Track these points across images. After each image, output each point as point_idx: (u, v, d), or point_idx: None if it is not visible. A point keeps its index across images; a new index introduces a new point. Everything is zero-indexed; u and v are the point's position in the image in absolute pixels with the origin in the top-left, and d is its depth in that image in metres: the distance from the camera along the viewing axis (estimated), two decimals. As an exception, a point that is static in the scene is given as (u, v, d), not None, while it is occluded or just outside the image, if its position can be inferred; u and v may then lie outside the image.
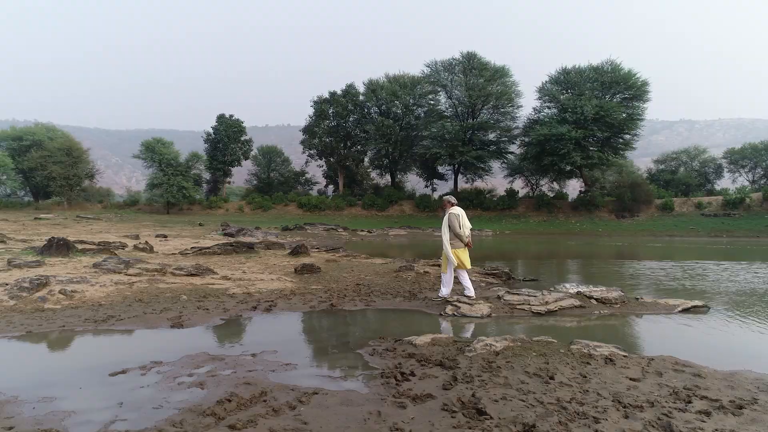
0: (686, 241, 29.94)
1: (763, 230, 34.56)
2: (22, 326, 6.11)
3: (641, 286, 10.92)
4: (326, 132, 53.43)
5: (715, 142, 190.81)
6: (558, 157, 40.99)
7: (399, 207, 50.67)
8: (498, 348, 4.89)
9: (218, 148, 54.62)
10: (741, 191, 42.29)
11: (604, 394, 3.93)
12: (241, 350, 5.34)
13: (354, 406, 3.77)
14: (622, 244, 26.93)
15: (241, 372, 4.54)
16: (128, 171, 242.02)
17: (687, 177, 51.56)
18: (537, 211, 46.01)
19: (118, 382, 4.30)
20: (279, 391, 4.06)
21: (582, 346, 4.93)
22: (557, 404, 3.69)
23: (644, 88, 41.68)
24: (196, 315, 6.88)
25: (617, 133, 42.01)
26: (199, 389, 4.12)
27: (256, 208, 52.05)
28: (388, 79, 51.82)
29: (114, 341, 5.77)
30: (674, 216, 40.26)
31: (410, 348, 5.19)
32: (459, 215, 8.20)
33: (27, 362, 4.99)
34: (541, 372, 4.39)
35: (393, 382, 4.24)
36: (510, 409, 3.60)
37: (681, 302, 7.80)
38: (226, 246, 13.24)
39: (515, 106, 47.36)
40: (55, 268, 8.99)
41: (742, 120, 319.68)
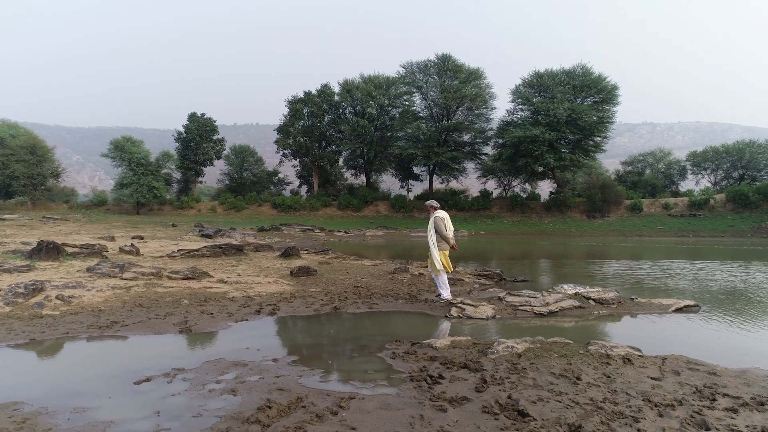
0: (655, 241, 30.91)
1: (727, 230, 35.99)
2: (24, 333, 5.92)
3: (626, 286, 11.22)
4: (301, 132, 53.07)
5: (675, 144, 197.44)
6: (532, 158, 41.74)
7: (374, 207, 50.73)
8: (519, 350, 5.00)
9: (190, 148, 53.63)
10: (706, 192, 43.89)
11: (633, 393, 4.07)
12: (260, 355, 5.30)
13: (394, 410, 3.80)
14: (595, 244, 27.62)
15: (269, 378, 4.52)
16: (90, 170, 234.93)
17: (653, 178, 53.16)
18: (511, 211, 46.74)
19: (146, 390, 4.23)
20: (314, 396, 4.07)
21: (599, 347, 5.08)
22: (593, 404, 3.80)
23: (614, 92, 42.83)
24: (202, 320, 6.79)
25: (588, 136, 43.04)
26: (232, 396, 4.09)
27: (229, 208, 51.33)
28: (363, 80, 51.82)
29: (125, 348, 5.65)
30: (643, 216, 41.51)
31: (431, 351, 5.25)
32: (444, 218, 8.36)
33: (43, 371, 4.85)
34: (567, 373, 4.51)
35: (425, 385, 4.30)
36: (550, 410, 3.69)
37: (674, 302, 8.09)
38: (215, 248, 13.03)
39: (489, 107, 48.11)
40: (46, 272, 8.70)
41: (701, 123, 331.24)
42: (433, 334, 6.47)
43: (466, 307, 7.45)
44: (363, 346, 5.74)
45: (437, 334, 6.45)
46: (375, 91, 49.60)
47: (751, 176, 50.48)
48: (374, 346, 5.71)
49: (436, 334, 6.46)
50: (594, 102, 43.44)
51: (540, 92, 44.50)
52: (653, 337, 6.48)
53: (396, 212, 49.05)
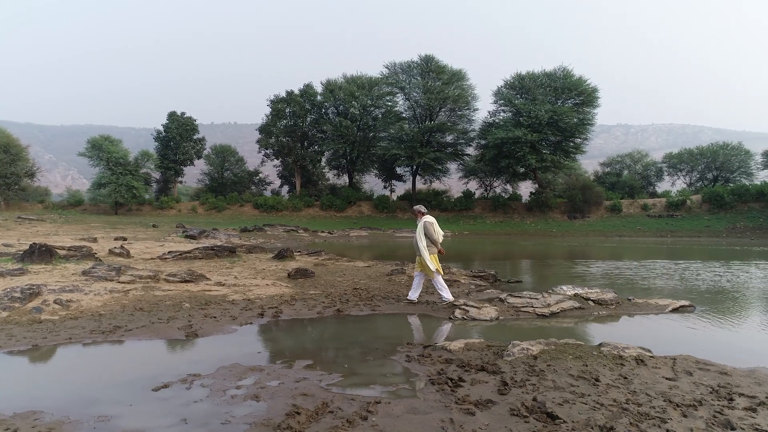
0: (636, 241, 31.51)
1: (703, 230, 36.90)
2: (26, 339, 5.77)
3: (616, 286, 11.38)
4: (283, 132, 52.70)
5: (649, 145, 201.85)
6: (514, 159, 42.20)
7: (357, 208, 50.67)
8: (534, 351, 5.05)
9: (170, 147, 52.83)
10: (683, 193, 44.95)
11: (652, 394, 4.15)
12: (273, 360, 5.27)
13: (422, 414, 3.81)
14: (577, 245, 28.05)
15: (288, 383, 4.48)
16: (63, 169, 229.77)
17: (631, 179, 54.19)
18: (493, 212, 47.16)
19: (166, 397, 4.16)
20: (339, 401, 4.05)
21: (611, 348, 5.17)
22: (618, 406, 3.87)
23: (594, 95, 43.55)
24: (206, 324, 6.70)
25: (569, 137, 43.66)
26: (256, 402, 4.05)
27: (210, 208, 50.72)
28: (346, 80, 51.69)
29: (134, 353, 5.55)
30: (622, 217, 42.29)
31: (446, 354, 5.27)
32: (433, 223, 8.45)
33: (54, 378, 4.74)
34: (585, 374, 4.58)
35: (447, 389, 4.31)
36: (577, 412, 3.75)
37: (669, 302, 8.26)
38: (207, 250, 12.86)
39: (472, 109, 48.45)
40: (40, 276, 8.48)
41: (674, 125, 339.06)
42: (441, 336, 6.51)
43: (470, 309, 7.50)
44: (375, 349, 5.73)
45: (446, 336, 6.48)
46: (358, 92, 49.53)
47: (725, 177, 51.82)
48: (386, 349, 5.71)
49: (444, 336, 6.48)
50: (574, 104, 44.08)
51: (522, 94, 44.99)
52: (657, 338, 6.58)
53: (379, 212, 49.08)
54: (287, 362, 5.17)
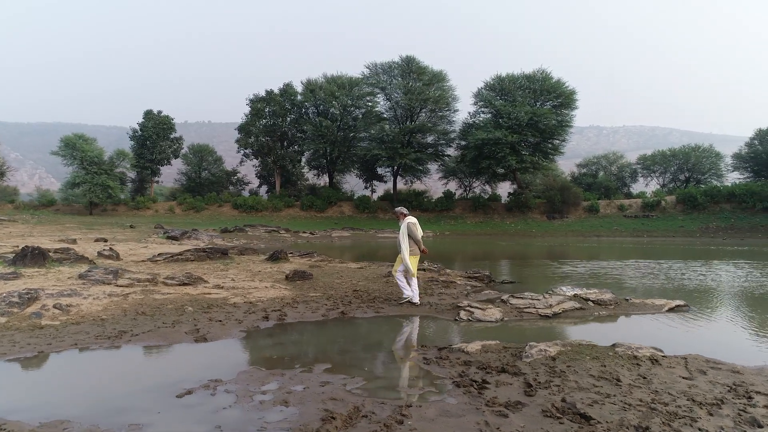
0: (614, 241, 32.17)
1: (678, 230, 37.87)
2: (30, 346, 5.61)
3: (605, 286, 11.57)
4: (263, 131, 52.21)
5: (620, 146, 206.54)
6: (495, 160, 42.64)
7: (338, 208, 50.52)
8: (552, 353, 5.13)
9: (146, 146, 51.84)
10: (657, 194, 46.07)
11: (674, 393, 4.25)
12: (291, 364, 5.23)
13: (455, 417, 3.84)
14: (559, 245, 28.51)
15: (314, 387, 4.45)
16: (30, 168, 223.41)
17: (606, 180, 55.32)
18: (473, 212, 47.55)
19: (193, 404, 4.09)
20: (370, 405, 4.05)
21: (625, 348, 5.28)
22: (646, 405, 3.96)
23: (572, 97, 44.32)
24: (213, 328, 6.61)
25: (548, 138, 44.31)
26: (286, 407, 4.02)
27: (188, 209, 49.96)
28: (327, 80, 51.52)
29: (147, 359, 5.45)
30: (600, 217, 43.11)
31: (464, 356, 5.31)
32: (416, 224, 8.55)
33: (71, 385, 4.61)
34: (605, 375, 4.67)
35: (474, 391, 4.35)
36: (609, 413, 3.82)
37: (665, 302, 8.46)
38: (199, 252, 12.65)
39: (452, 110, 48.79)
40: (35, 279, 8.23)
41: (644, 127, 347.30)
42: (451, 338, 6.54)
43: (474, 311, 7.56)
44: (390, 352, 5.74)
45: (455, 338, 6.51)
46: (338, 92, 49.41)
47: (696, 179, 53.30)
48: (401, 352, 5.73)
49: (454, 338, 6.52)
50: (553, 106, 44.75)
51: (501, 96, 45.48)
52: (663, 338, 6.72)
53: (360, 213, 49.03)
54: (306, 366, 5.13)
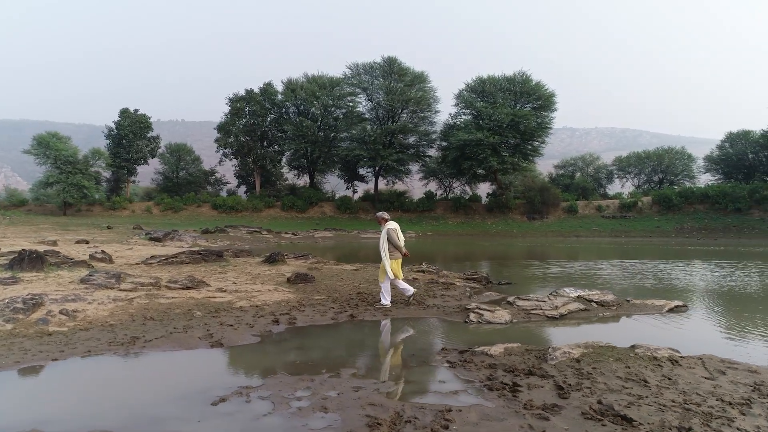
0: (593, 241, 32.80)
1: (654, 230, 38.81)
2: (42, 353, 5.45)
3: (597, 286, 11.77)
4: (242, 131, 51.63)
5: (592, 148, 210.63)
6: (476, 161, 43.01)
7: (320, 208, 50.28)
8: (576, 355, 5.21)
9: (122, 145, 50.72)
10: (634, 195, 47.12)
11: (702, 393, 4.37)
12: (316, 369, 5.20)
13: (497, 420, 3.87)
14: (541, 245, 28.94)
15: (347, 393, 4.44)
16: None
17: (583, 181, 56.33)
18: (454, 212, 47.88)
19: (231, 411, 4.04)
20: (410, 410, 4.05)
21: (644, 350, 5.39)
22: (679, 406, 4.05)
23: (551, 99, 45.00)
24: (226, 332, 6.52)
25: (528, 140, 44.89)
26: (325, 413, 4.00)
27: (166, 209, 49.06)
28: (308, 80, 51.26)
29: (167, 365, 5.35)
30: (579, 217, 43.88)
31: (488, 359, 5.35)
32: (396, 229, 8.62)
33: (98, 394, 4.49)
34: (631, 376, 4.77)
35: (508, 394, 4.39)
36: (647, 414, 3.90)
37: (665, 302, 8.67)
38: (194, 254, 12.44)
39: (433, 111, 49.02)
40: (35, 284, 7.98)
41: (615, 129, 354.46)
42: (466, 340, 6.57)
43: (484, 313, 7.63)
44: (411, 355, 5.75)
45: (470, 340, 6.54)
46: (319, 91, 49.19)
47: (669, 180, 54.71)
48: (422, 355, 5.73)
49: (468, 340, 6.55)
50: (533, 108, 45.36)
51: (482, 97, 45.89)
52: (673, 338, 6.88)
53: (342, 213, 48.88)
54: (332, 371, 5.11)
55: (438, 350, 5.88)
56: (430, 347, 6.08)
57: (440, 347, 5.99)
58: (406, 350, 6.02)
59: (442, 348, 5.93)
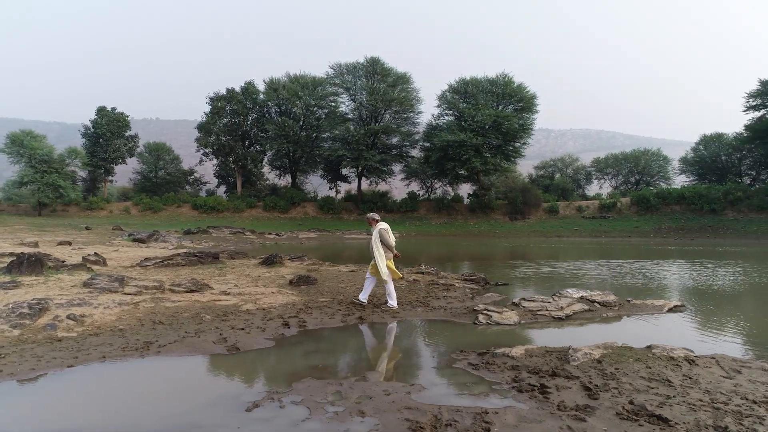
0: (575, 241, 33.33)
1: (633, 231, 39.61)
2: (56, 360, 5.32)
3: (589, 285, 11.95)
4: (223, 130, 51.03)
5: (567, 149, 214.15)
6: (459, 162, 43.30)
7: (302, 209, 50.01)
8: (596, 356, 5.30)
9: (99, 144, 49.67)
10: (613, 196, 48.04)
11: (725, 392, 4.48)
12: (345, 373, 5.20)
13: (535, 422, 3.91)
14: (525, 245, 29.28)
15: (379, 397, 4.43)
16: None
17: (563, 182, 57.20)
18: (437, 213, 48.12)
19: (267, 417, 4.01)
20: (447, 412, 4.07)
21: (661, 350, 5.51)
22: (708, 405, 4.16)
23: (533, 101, 45.58)
24: (239, 336, 6.45)
25: (510, 141, 45.37)
26: (363, 417, 4.00)
27: (145, 209, 48.23)
28: (290, 79, 50.96)
29: (187, 370, 5.27)
30: (560, 218, 44.53)
31: (510, 360, 5.41)
32: (388, 229, 8.64)
33: (126, 401, 4.39)
34: (654, 376, 4.87)
35: (538, 395, 4.45)
36: (680, 413, 3.99)
37: (664, 303, 8.88)
38: (190, 257, 12.25)
39: (416, 111, 49.21)
40: (36, 288, 7.76)
41: (590, 131, 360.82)
42: (480, 341, 6.61)
43: (492, 314, 7.70)
44: (431, 357, 5.78)
45: (485, 341, 6.60)
46: (301, 91, 48.94)
47: (646, 181, 55.94)
48: (441, 357, 5.77)
49: (483, 341, 6.60)
50: (515, 110, 45.88)
51: (465, 98, 46.24)
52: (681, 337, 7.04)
53: (324, 213, 48.71)
54: (357, 375, 5.11)
55: (456, 352, 5.91)
56: (448, 349, 6.11)
57: (457, 349, 6.02)
58: (424, 352, 6.05)
59: (460, 350, 5.96)
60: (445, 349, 6.11)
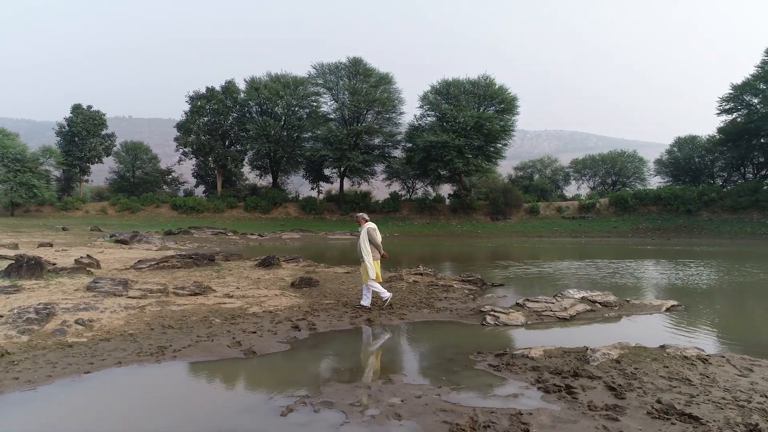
0: (556, 241, 33.83)
1: (612, 231, 40.39)
2: (72, 366, 5.22)
3: (581, 285, 12.16)
4: (203, 129, 50.34)
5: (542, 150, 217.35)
6: (442, 163, 43.54)
7: (284, 209, 49.67)
8: (614, 356, 5.42)
9: (75, 143, 48.49)
10: (592, 197, 48.91)
11: (743, 390, 4.63)
12: (368, 376, 5.22)
13: (570, 422, 3.99)
14: (508, 245, 29.62)
15: (411, 399, 4.46)
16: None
17: (542, 183, 58.02)
18: (419, 213, 48.31)
19: (306, 422, 4.00)
20: (482, 414, 4.12)
21: (674, 349, 5.66)
22: (732, 402, 4.29)
23: (514, 103, 46.10)
24: (253, 340, 6.40)
25: (491, 142, 45.81)
26: (399, 420, 4.02)
27: (122, 209, 47.30)
28: (271, 78, 50.53)
29: (210, 376, 5.20)
30: (540, 218, 45.14)
31: (530, 361, 5.49)
32: (375, 229, 8.76)
33: (158, 407, 4.34)
34: (674, 375, 5.00)
35: (567, 396, 4.53)
36: (708, 411, 4.11)
37: (662, 302, 9.10)
38: (185, 258, 12.06)
39: (398, 112, 49.32)
40: (38, 293, 7.54)
41: (564, 132, 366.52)
42: (493, 342, 6.69)
43: (499, 315, 7.80)
44: (450, 360, 5.82)
45: (497, 342, 6.68)
46: (283, 91, 48.60)
47: (622, 182, 57.13)
48: (460, 359, 5.81)
49: (496, 342, 6.68)
50: (496, 111, 46.35)
51: (447, 100, 46.52)
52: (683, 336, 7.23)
53: (306, 214, 48.46)
54: (382, 377, 5.13)
55: (473, 354, 5.97)
56: (464, 350, 6.16)
57: (474, 350, 6.08)
58: (442, 354, 6.08)
59: (477, 351, 6.02)
60: (461, 351, 6.16)
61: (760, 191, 41.24)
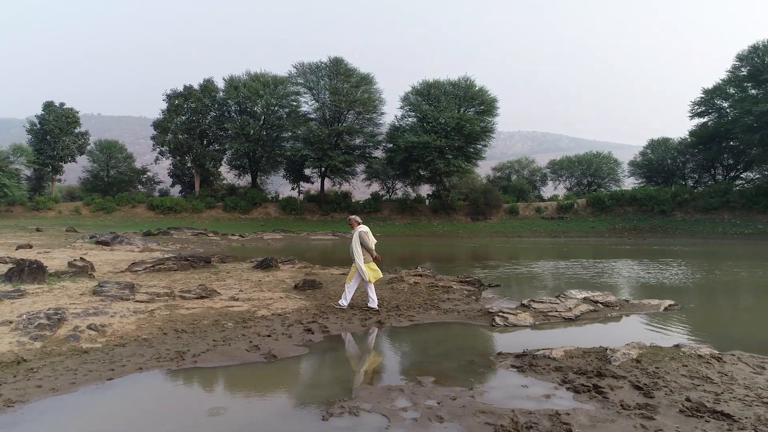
0: (536, 241, 34.36)
1: (590, 231, 41.19)
2: (93, 373, 5.11)
3: (572, 284, 12.36)
4: (181, 128, 49.52)
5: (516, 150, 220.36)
6: (423, 163, 43.75)
7: (264, 209, 49.21)
8: (634, 356, 5.55)
9: (46, 141, 47.14)
10: (570, 197, 49.76)
11: (763, 387, 4.80)
12: (399, 378, 5.24)
13: (608, 422, 4.08)
14: (490, 245, 29.96)
15: (447, 401, 4.48)
16: None
17: (520, 183, 58.79)
18: (401, 214, 48.43)
19: (350, 427, 4.00)
20: (521, 415, 4.18)
21: (689, 348, 5.83)
22: (757, 399, 4.45)
23: (493, 104, 46.61)
24: (270, 343, 6.36)
25: (471, 143, 46.22)
26: (441, 423, 4.06)
27: (97, 209, 46.18)
28: (250, 77, 50.00)
29: (234, 380, 5.16)
30: (520, 219, 45.74)
31: (552, 362, 5.58)
32: (368, 232, 8.83)
33: (192, 413, 4.27)
34: (694, 374, 5.15)
35: (597, 395, 4.62)
36: (738, 409, 4.26)
37: (659, 302, 9.34)
38: (182, 261, 11.85)
39: (379, 113, 49.35)
40: (42, 297, 7.32)
41: (536, 133, 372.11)
42: (506, 343, 6.77)
43: (508, 316, 7.91)
44: (471, 361, 5.87)
45: (509, 343, 6.76)
46: (262, 90, 48.14)
47: (597, 183, 58.31)
48: (480, 360, 5.87)
49: (510, 343, 6.76)
50: (476, 112, 46.79)
51: (428, 101, 46.76)
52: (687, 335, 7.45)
53: (287, 214, 48.12)
54: (412, 380, 5.15)
55: (493, 354, 6.05)
56: (481, 351, 6.24)
57: (491, 351, 6.17)
58: (461, 356, 6.13)
59: (498, 353, 6.10)
60: (480, 352, 6.23)
61: (730, 192, 42.63)
